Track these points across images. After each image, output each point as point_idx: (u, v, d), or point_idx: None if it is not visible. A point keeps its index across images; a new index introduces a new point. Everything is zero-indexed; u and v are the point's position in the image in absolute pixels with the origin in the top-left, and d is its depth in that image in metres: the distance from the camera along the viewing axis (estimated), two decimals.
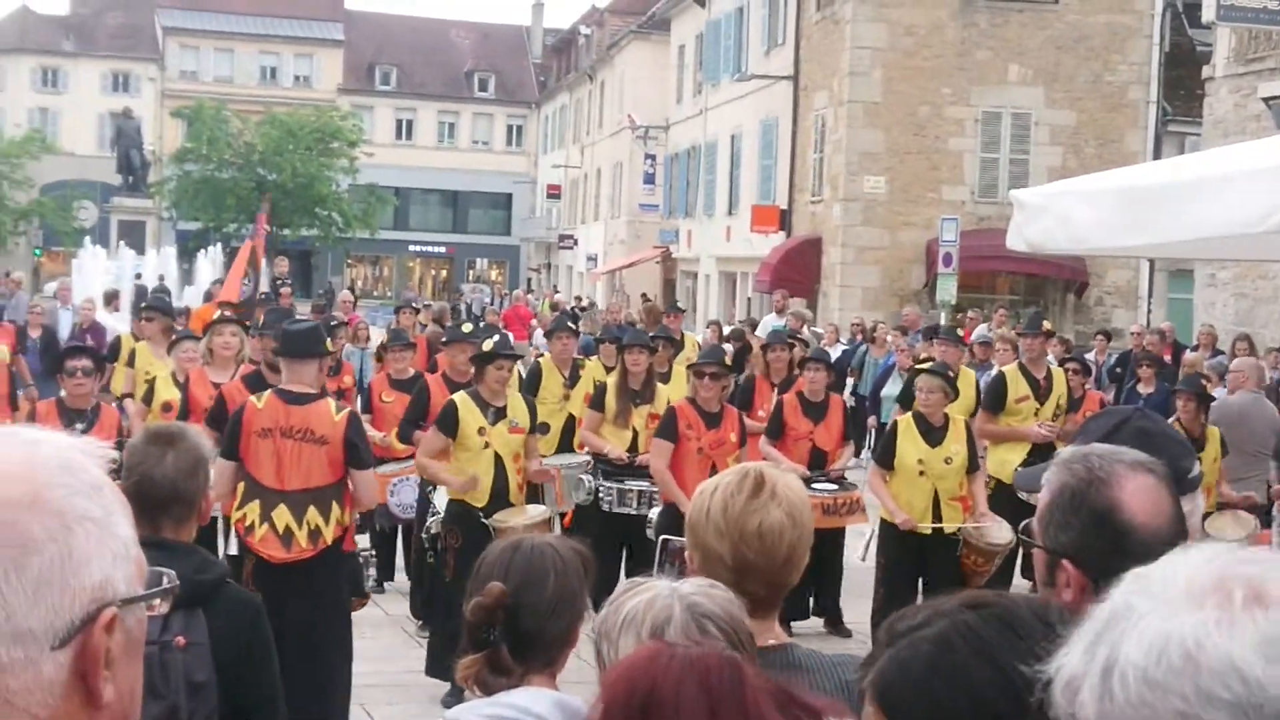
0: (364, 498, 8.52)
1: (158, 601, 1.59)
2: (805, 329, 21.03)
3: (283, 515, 8.09)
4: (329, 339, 14.00)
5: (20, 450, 1.48)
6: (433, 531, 10.32)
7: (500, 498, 9.92)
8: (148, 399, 11.67)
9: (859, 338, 24.00)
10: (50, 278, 50.74)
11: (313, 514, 8.12)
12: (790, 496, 3.32)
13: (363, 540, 10.33)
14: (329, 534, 8.18)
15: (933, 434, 10.87)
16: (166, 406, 11.02)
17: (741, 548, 3.23)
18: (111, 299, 28.25)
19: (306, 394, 8.29)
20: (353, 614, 9.66)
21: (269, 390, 8.51)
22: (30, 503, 1.44)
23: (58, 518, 1.45)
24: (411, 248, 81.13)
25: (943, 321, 23.16)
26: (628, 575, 9.37)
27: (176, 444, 4.50)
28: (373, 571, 10.72)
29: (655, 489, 11.10)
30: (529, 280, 72.79)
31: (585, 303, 44.97)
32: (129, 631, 1.52)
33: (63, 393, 10.54)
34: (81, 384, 9.99)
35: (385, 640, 11.49)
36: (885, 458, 11.00)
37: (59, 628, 1.44)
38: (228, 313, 13.39)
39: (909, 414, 11.29)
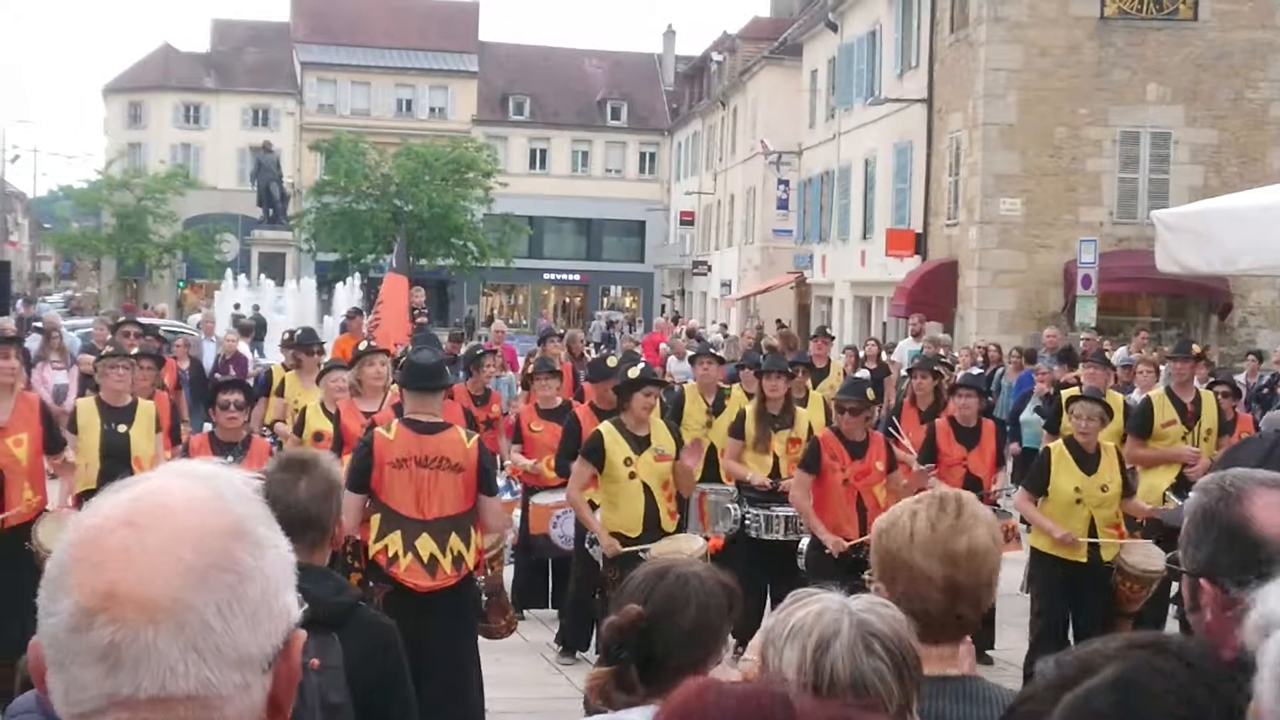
0: (492, 523, 8.54)
1: None
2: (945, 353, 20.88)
3: (426, 544, 8.10)
4: (477, 368, 14.19)
5: (207, 484, 1.51)
6: (594, 559, 10.34)
7: (652, 527, 9.93)
8: (299, 429, 11.84)
9: (986, 361, 23.80)
10: (193, 310, 51.68)
11: (455, 541, 8.14)
12: (988, 516, 3.34)
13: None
14: (470, 560, 8.23)
15: (1087, 461, 10.65)
16: (318, 436, 11.15)
17: (952, 569, 3.22)
18: (248, 331, 28.69)
19: (436, 423, 8.32)
20: (493, 640, 9.75)
21: (395, 421, 8.51)
22: (235, 532, 1.48)
23: (257, 546, 1.50)
24: (546, 276, 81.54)
25: (1082, 344, 22.86)
26: (774, 604, 9.32)
27: (309, 470, 4.57)
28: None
29: None
30: (663, 306, 72.85)
31: (723, 329, 44.89)
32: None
33: (210, 425, 10.70)
34: (234, 417, 10.14)
35: (524, 666, 11.53)
36: (1037, 484, 10.78)
37: (268, 652, 1.49)
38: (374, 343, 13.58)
39: (1060, 440, 11.13)
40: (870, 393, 11.57)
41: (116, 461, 10.57)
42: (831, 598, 2.77)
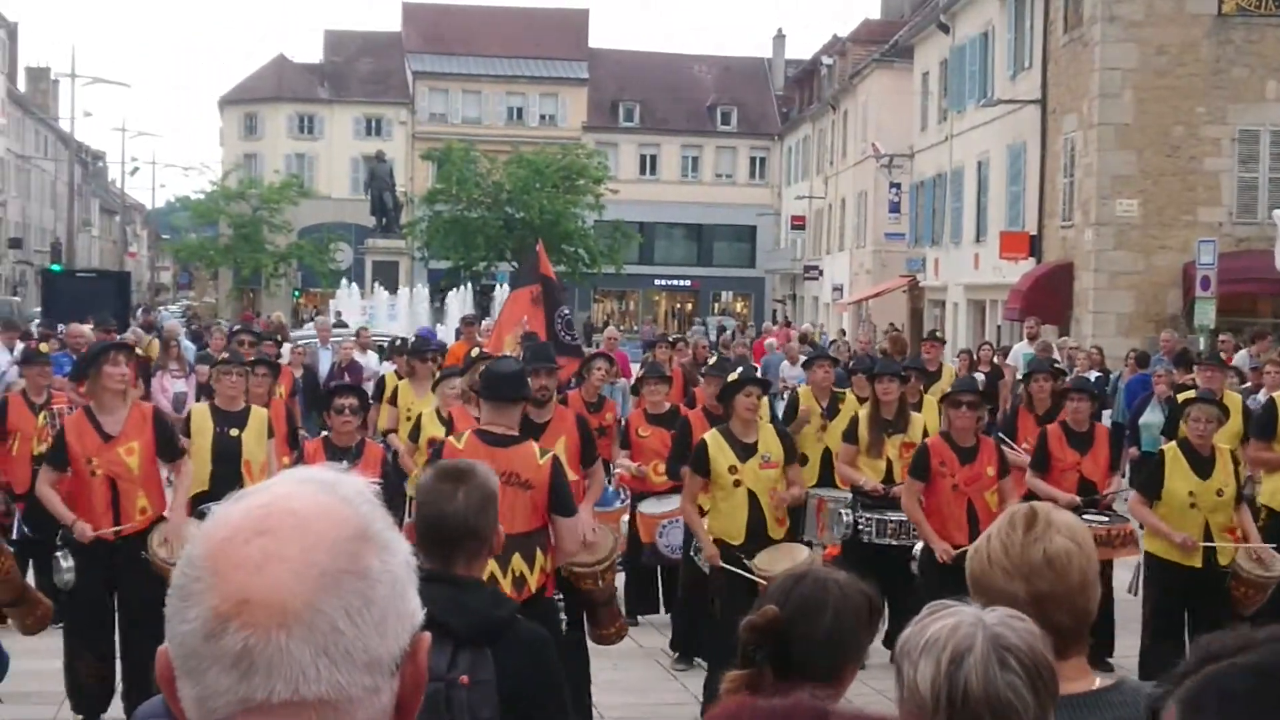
0: (566, 546, 7.98)
1: None
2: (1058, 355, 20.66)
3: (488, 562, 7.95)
4: (586, 374, 14.20)
5: (331, 489, 1.52)
6: (702, 567, 10.30)
7: (757, 535, 9.87)
8: (414, 436, 11.92)
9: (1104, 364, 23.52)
10: (309, 318, 52.26)
11: (518, 561, 7.77)
12: (1066, 521, 3.30)
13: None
14: (534, 582, 7.84)
15: (1202, 465, 10.49)
16: (433, 443, 11.22)
17: (1035, 581, 3.18)
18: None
19: (509, 436, 7.98)
20: (607, 646, 9.73)
21: (469, 431, 8.31)
22: (363, 536, 1.49)
23: (384, 549, 1.50)
24: (657, 282, 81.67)
25: (1201, 347, 22.52)
26: (891, 610, 9.23)
27: (467, 481, 4.56)
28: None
29: None
30: (774, 311, 72.70)
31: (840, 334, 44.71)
32: None
33: (326, 431, 10.81)
34: (349, 421, 10.23)
35: (639, 673, 11.54)
36: (1151, 487, 10.64)
37: (395, 655, 1.49)
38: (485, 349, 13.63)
39: (1175, 443, 10.96)
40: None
41: (228, 465, 10.77)
42: (966, 610, 2.74)
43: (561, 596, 9.20)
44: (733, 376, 10.82)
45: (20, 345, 18.03)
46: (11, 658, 6.79)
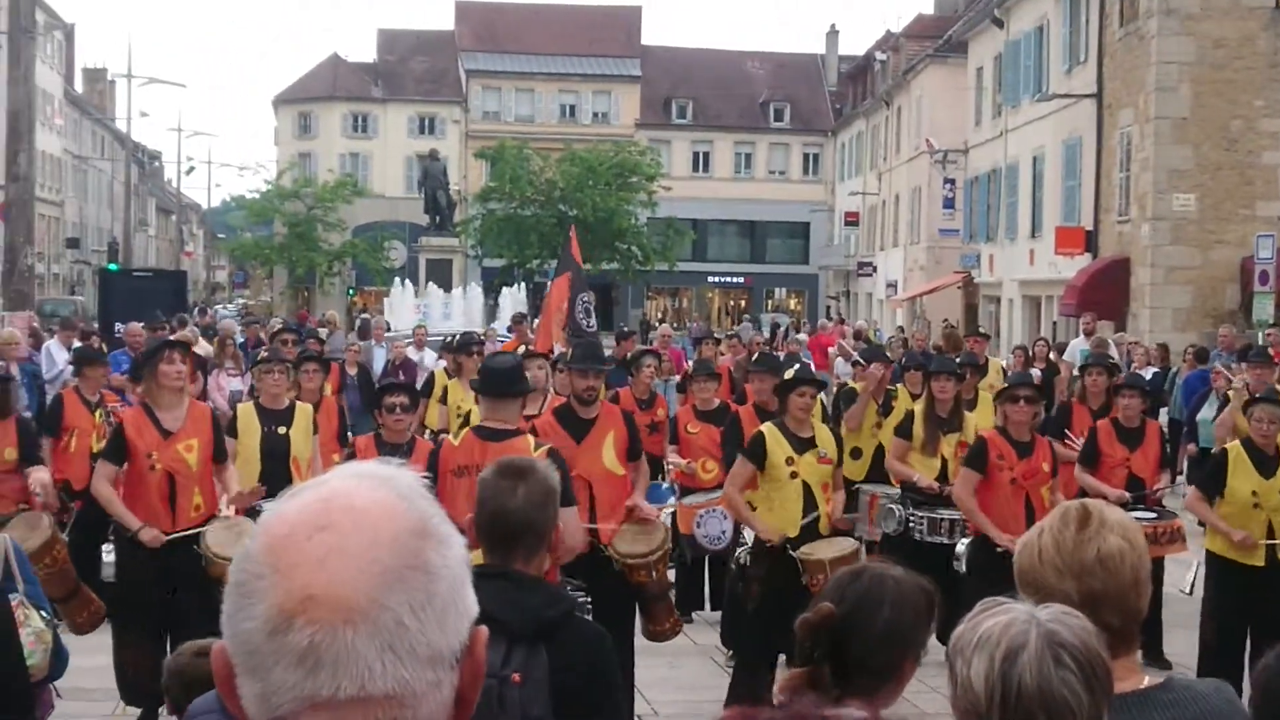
0: (566, 539, 7.56)
1: None
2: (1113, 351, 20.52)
3: (479, 558, 7.87)
4: (636, 371, 14.20)
5: (388, 485, 1.52)
6: (741, 562, 10.26)
7: (810, 528, 9.84)
8: None
9: (1165, 359, 23.38)
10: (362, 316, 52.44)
11: None
12: (1119, 519, 3.27)
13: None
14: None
15: (1266, 464, 10.35)
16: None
17: (1087, 580, 3.15)
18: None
19: (505, 430, 8.01)
20: (659, 643, 9.71)
21: (467, 428, 8.34)
22: (423, 532, 1.50)
23: (443, 544, 1.51)
24: (710, 279, 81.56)
25: (1260, 341, 22.33)
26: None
27: (527, 477, 4.56)
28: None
29: (967, 519, 10.87)
30: (828, 308, 72.54)
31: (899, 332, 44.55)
32: None
33: (379, 428, 10.85)
34: (400, 419, 10.26)
35: (693, 669, 11.54)
36: (1212, 485, 10.52)
37: (455, 649, 1.50)
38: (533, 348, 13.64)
39: (1238, 442, 10.85)
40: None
41: (276, 462, 10.85)
42: (1019, 607, 2.72)
43: (583, 586, 9.10)
44: (789, 374, 10.76)
45: (77, 344, 18.17)
46: (70, 655, 6.84)
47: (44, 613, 6.56)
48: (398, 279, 48.72)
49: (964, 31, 52.30)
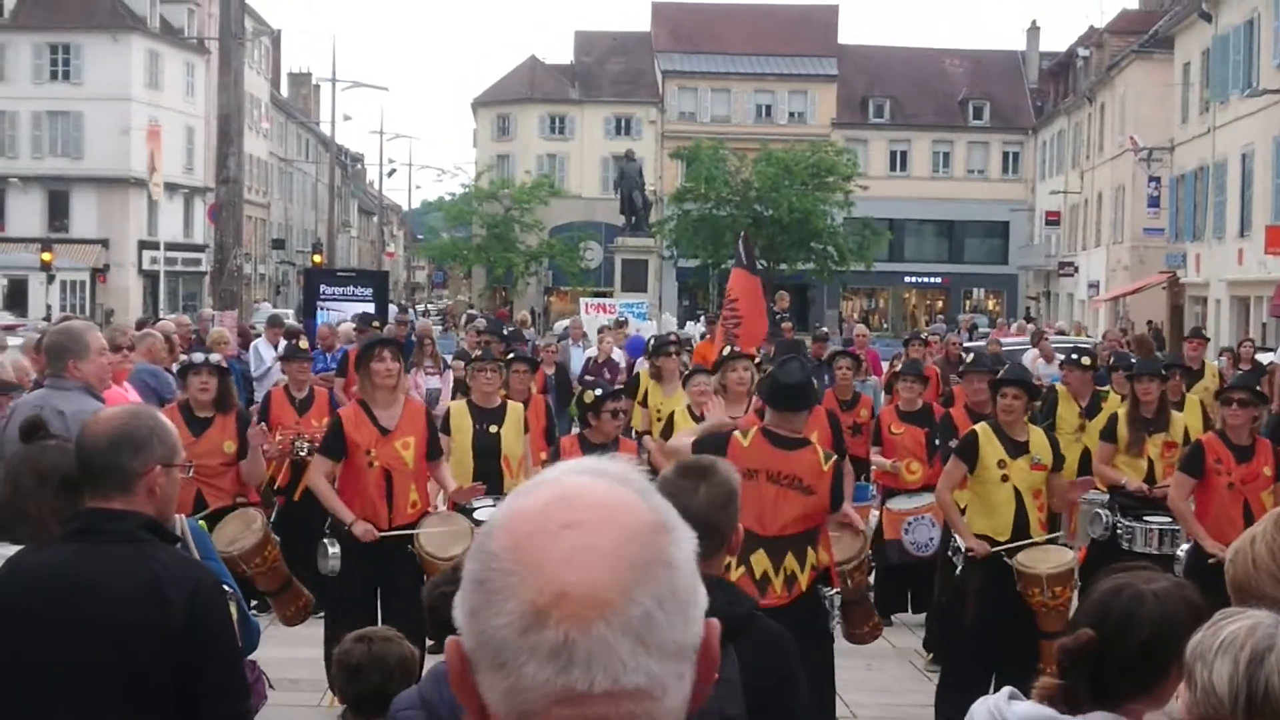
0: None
1: None
2: None
3: (761, 560, 7.84)
4: (831, 372, 14.13)
5: (624, 483, 1.54)
6: (955, 565, 10.11)
7: (1021, 533, 9.66)
8: (666, 435, 11.95)
9: None
10: (559, 316, 52.93)
11: (790, 560, 7.83)
12: None
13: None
14: (804, 580, 7.88)
15: None
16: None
17: None
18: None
19: (796, 439, 8.07)
20: (860, 646, 9.64)
21: (755, 429, 8.30)
22: (662, 527, 1.52)
23: (680, 538, 1.54)
24: (907, 279, 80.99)
25: None
26: None
27: (709, 477, 4.52)
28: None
29: (1179, 527, 10.58)
30: (1027, 308, 71.55)
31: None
32: None
33: (579, 428, 10.93)
34: (618, 424, 10.41)
35: (891, 672, 11.47)
36: None
37: (694, 643, 1.52)
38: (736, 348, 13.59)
39: None
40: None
41: (489, 461, 10.96)
42: (1261, 613, 2.68)
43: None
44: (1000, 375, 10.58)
45: (284, 342, 18.54)
46: (277, 646, 6.96)
47: (226, 586, 6.68)
48: (593, 279, 49.02)
49: (1170, 26, 51.37)
